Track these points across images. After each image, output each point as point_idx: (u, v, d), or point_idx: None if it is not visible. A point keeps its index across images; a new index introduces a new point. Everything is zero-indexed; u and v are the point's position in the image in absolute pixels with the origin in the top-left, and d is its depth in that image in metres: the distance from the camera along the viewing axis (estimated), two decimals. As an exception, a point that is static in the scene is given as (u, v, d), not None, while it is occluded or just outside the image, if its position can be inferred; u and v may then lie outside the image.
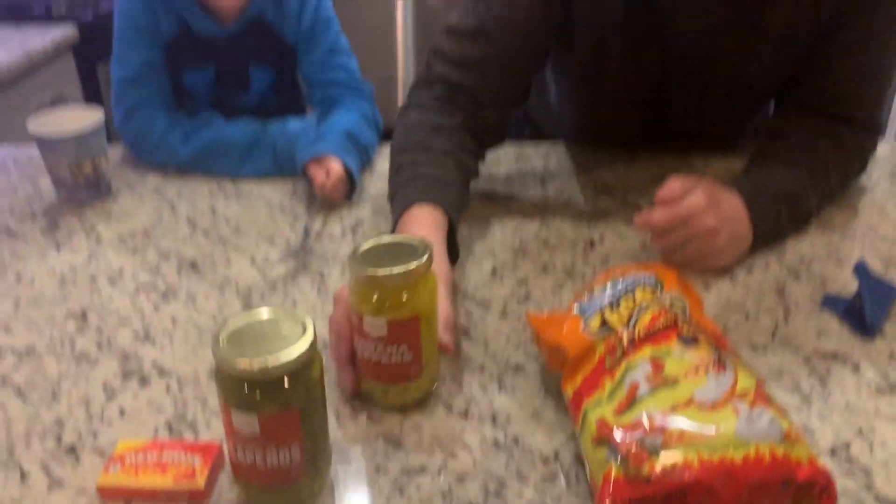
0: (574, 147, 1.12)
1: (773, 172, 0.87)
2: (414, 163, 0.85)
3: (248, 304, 0.78)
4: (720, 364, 0.55)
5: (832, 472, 0.49)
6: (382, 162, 1.07)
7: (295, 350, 0.50)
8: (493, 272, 0.83)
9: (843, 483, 0.55)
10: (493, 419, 0.62)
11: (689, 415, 0.50)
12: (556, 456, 0.58)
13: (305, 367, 0.51)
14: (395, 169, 0.87)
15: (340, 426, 0.62)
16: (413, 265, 0.58)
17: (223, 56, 1.15)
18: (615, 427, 0.51)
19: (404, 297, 0.59)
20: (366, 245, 0.63)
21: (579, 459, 0.57)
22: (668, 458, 0.48)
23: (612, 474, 0.49)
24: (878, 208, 0.95)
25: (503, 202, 0.97)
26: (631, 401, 0.53)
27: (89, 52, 1.94)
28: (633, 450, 0.49)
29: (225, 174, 1.06)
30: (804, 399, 0.64)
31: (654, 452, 0.48)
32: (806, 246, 0.86)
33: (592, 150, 1.10)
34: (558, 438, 0.60)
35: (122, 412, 0.64)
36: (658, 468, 0.48)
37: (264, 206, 0.98)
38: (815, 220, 0.91)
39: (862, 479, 0.56)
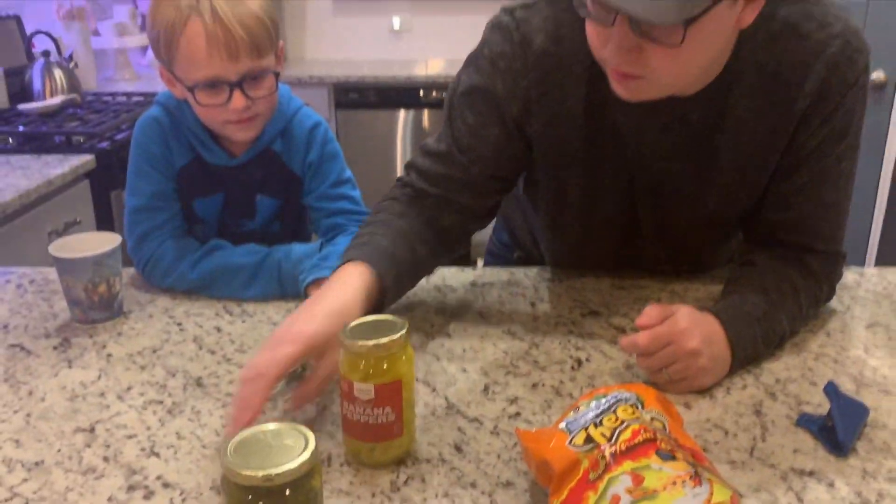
0: (561, 271, 1.18)
1: (747, 298, 0.93)
2: (371, 233, 0.95)
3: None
4: (697, 478, 0.59)
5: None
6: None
7: (297, 461, 0.54)
8: (486, 389, 0.87)
9: None
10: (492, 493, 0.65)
11: None
12: (544, 569, 0.61)
13: (306, 477, 0.54)
14: (356, 235, 0.98)
15: (337, 539, 0.64)
16: (396, 336, 0.70)
17: (232, 185, 1.22)
18: None
19: (386, 364, 0.69)
20: (353, 323, 0.73)
21: (566, 572, 0.59)
22: None
23: None
24: (848, 332, 1.00)
25: (496, 323, 1.03)
26: None
27: (104, 179, 2.05)
28: None
29: (231, 297, 1.11)
30: (781, 514, 0.67)
31: None
32: (781, 367, 0.91)
33: (579, 275, 1.16)
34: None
35: (126, 524, 0.66)
36: None
37: (268, 325, 1.03)
38: (789, 343, 0.96)
39: (837, 592, 0.58)
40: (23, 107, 2.28)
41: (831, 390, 0.80)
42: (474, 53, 1.00)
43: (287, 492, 0.53)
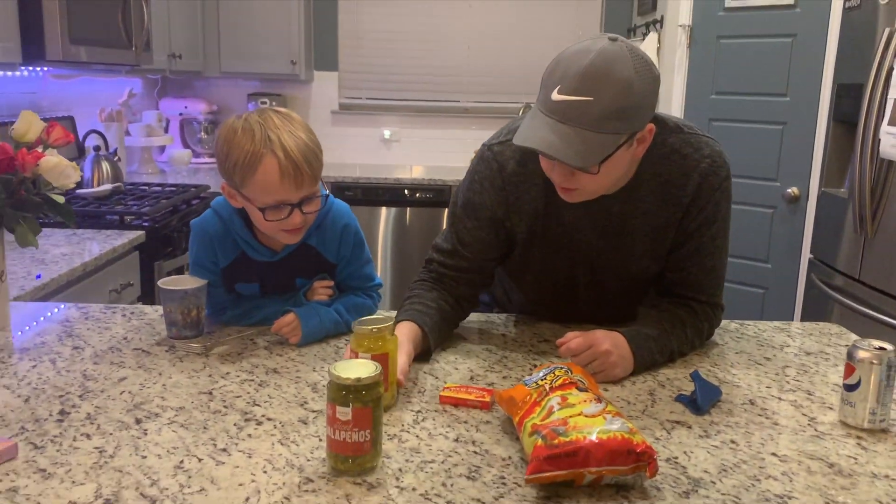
0: (525, 317, 1.62)
1: (645, 325, 1.37)
2: (412, 303, 1.41)
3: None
4: (599, 400, 1.01)
5: (656, 451, 0.94)
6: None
7: (371, 375, 0.95)
8: (471, 378, 1.29)
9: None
10: (474, 442, 1.06)
11: (580, 419, 0.96)
12: (510, 457, 1.02)
13: (375, 384, 0.96)
14: (403, 306, 1.43)
15: None
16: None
17: (271, 274, 1.48)
18: (540, 425, 0.97)
19: (380, 342, 1.10)
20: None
21: (522, 461, 1.01)
22: (567, 436, 0.93)
23: (538, 443, 0.93)
24: (721, 355, 1.44)
25: (477, 343, 1.45)
26: (549, 414, 0.98)
27: (150, 251, 2.47)
28: (549, 432, 0.94)
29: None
30: (657, 440, 1.09)
31: (560, 434, 0.93)
32: (670, 371, 1.35)
33: (537, 320, 1.60)
34: (510, 449, 1.03)
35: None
36: (561, 440, 0.92)
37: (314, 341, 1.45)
38: (680, 360, 1.39)
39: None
40: (80, 192, 2.72)
41: (695, 375, 1.24)
42: (467, 178, 1.46)
43: (363, 391, 0.94)
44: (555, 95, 1.20)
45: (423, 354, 1.36)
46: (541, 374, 1.11)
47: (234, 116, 1.37)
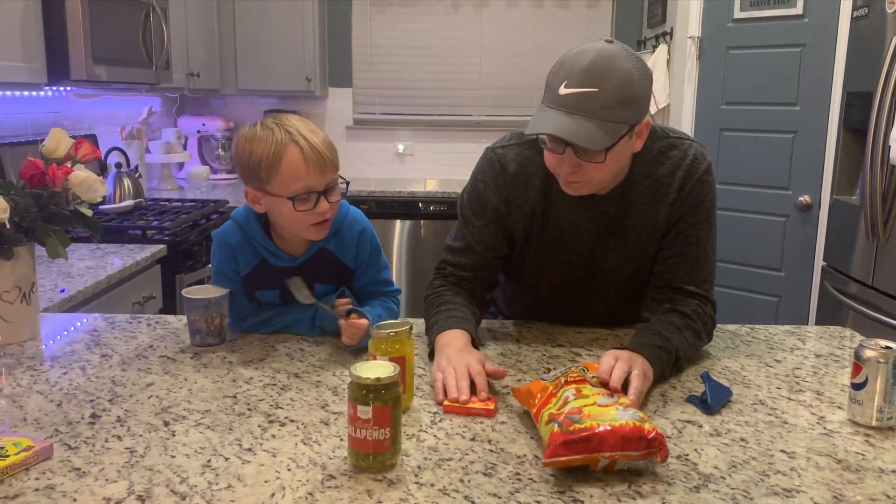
0: (536, 323, 1.66)
1: (651, 335, 1.36)
2: (446, 310, 1.45)
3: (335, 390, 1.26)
4: (610, 394, 1.05)
5: (666, 437, 0.97)
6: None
7: (391, 375, 0.99)
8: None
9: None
10: (490, 441, 1.09)
11: (594, 409, 1.00)
12: (524, 455, 1.05)
13: (394, 383, 0.99)
14: (431, 314, 1.47)
15: None
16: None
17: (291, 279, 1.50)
18: (556, 413, 1.01)
19: (397, 346, 1.14)
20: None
21: (537, 459, 1.04)
22: (582, 423, 0.97)
23: (554, 430, 0.97)
24: (732, 358, 1.47)
25: (493, 347, 1.49)
26: (565, 404, 1.03)
27: (172, 264, 2.53)
28: (564, 420, 0.98)
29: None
30: (668, 438, 1.12)
31: (576, 421, 0.97)
32: (682, 374, 1.37)
33: (550, 324, 1.63)
34: (525, 447, 1.07)
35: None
36: (576, 427, 0.96)
37: (330, 348, 1.49)
38: (692, 365, 1.42)
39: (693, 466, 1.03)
40: (103, 207, 2.79)
41: (706, 376, 1.27)
42: (472, 179, 1.55)
43: (383, 391, 0.98)
44: (562, 90, 1.29)
45: None
46: (557, 371, 1.16)
47: (246, 127, 1.46)
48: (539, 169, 1.46)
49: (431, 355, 1.40)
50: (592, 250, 1.50)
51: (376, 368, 1.01)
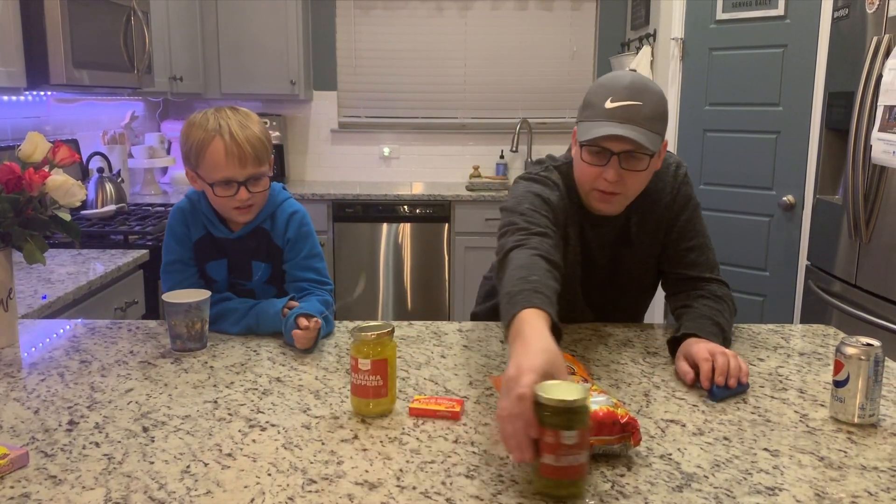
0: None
1: (701, 320, 1.45)
2: (528, 278, 1.21)
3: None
4: (585, 381, 1.06)
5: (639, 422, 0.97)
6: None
7: (580, 395, 0.91)
8: (470, 384, 1.32)
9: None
10: (472, 443, 1.08)
11: None
12: (508, 457, 1.04)
13: (583, 407, 0.91)
14: (522, 278, 1.21)
15: (384, 445, 1.07)
16: (384, 331, 1.15)
17: (232, 252, 1.65)
18: None
19: (379, 348, 1.15)
20: (361, 325, 1.18)
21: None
22: None
23: None
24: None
25: (477, 349, 1.48)
26: None
27: (155, 269, 2.50)
28: None
29: (225, 331, 1.57)
30: (651, 437, 1.11)
31: None
32: (665, 373, 1.37)
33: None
34: (509, 449, 1.06)
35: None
36: None
37: (307, 351, 1.48)
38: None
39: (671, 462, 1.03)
40: (84, 212, 2.76)
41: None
42: (523, 190, 1.48)
43: (572, 410, 0.90)
44: (608, 104, 1.39)
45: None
46: None
47: (198, 112, 1.58)
48: (573, 191, 1.53)
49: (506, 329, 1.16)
50: (605, 259, 1.60)
51: (564, 389, 0.93)
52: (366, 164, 4.74)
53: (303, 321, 1.46)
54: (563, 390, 0.92)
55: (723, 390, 1.26)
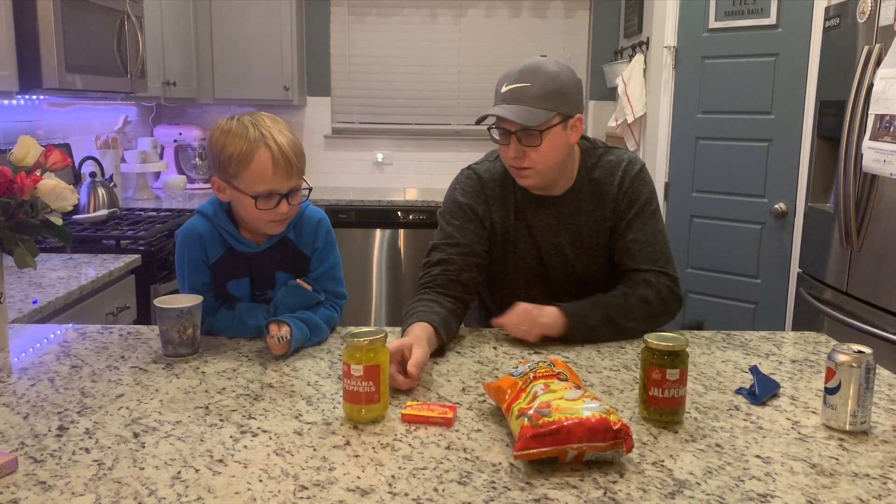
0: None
1: (592, 298, 1.58)
2: (416, 308, 1.55)
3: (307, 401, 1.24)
4: (577, 388, 1.06)
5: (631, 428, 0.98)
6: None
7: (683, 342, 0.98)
8: (463, 390, 1.32)
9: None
10: (465, 449, 1.08)
11: (562, 402, 1.02)
12: (500, 463, 1.04)
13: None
14: (411, 308, 1.56)
15: (376, 451, 1.07)
16: (376, 337, 1.16)
17: (256, 266, 1.57)
18: (526, 407, 1.02)
19: (372, 354, 1.15)
20: (353, 331, 1.18)
21: (513, 467, 1.03)
22: (550, 416, 0.98)
23: (524, 424, 0.99)
24: (705, 361, 1.47)
25: (470, 356, 1.48)
26: (534, 398, 1.04)
27: (147, 274, 2.49)
28: (534, 414, 0.99)
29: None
30: (644, 444, 1.11)
31: (544, 415, 0.98)
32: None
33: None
34: (500, 455, 1.06)
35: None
36: (545, 420, 0.98)
37: (301, 358, 1.47)
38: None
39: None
40: (76, 217, 2.75)
41: (753, 368, 1.35)
42: (449, 190, 1.75)
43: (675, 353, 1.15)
44: (502, 88, 1.57)
45: (437, 351, 1.48)
46: (526, 367, 1.16)
47: (223, 119, 1.49)
48: (509, 178, 1.69)
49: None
50: (553, 248, 1.70)
51: (669, 339, 1.16)
52: (359, 169, 4.74)
53: (273, 328, 1.45)
54: (668, 339, 1.15)
55: (763, 391, 1.29)
